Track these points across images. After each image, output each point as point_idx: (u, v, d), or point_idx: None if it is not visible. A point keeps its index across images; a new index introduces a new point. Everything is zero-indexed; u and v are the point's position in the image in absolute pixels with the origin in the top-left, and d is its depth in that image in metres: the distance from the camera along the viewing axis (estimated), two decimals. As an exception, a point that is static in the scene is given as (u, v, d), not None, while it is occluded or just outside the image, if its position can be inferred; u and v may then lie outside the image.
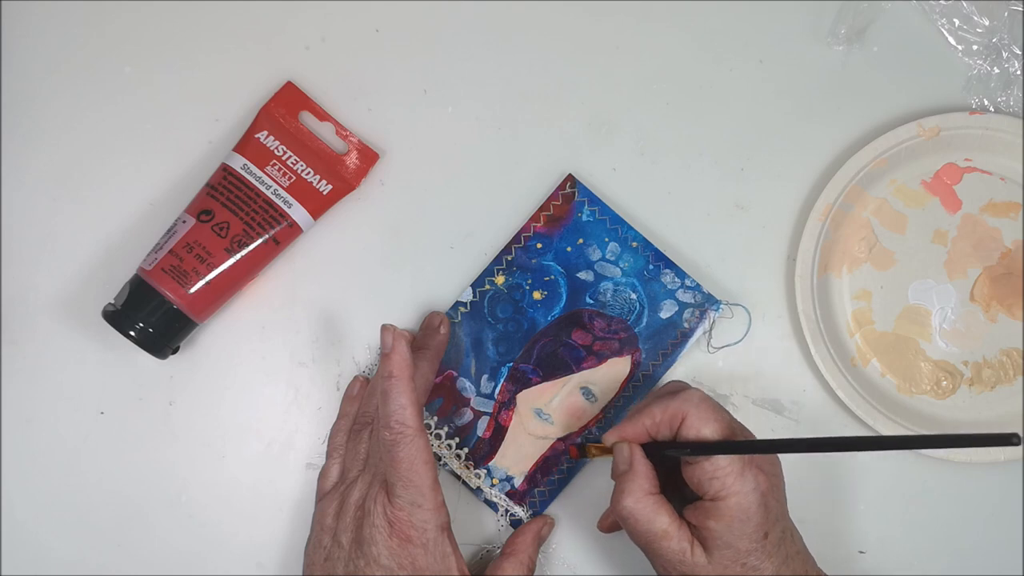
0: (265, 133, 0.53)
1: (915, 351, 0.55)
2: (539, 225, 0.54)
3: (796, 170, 0.56)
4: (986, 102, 0.55)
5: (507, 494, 0.54)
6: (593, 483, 0.54)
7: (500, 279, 0.54)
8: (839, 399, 0.54)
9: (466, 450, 0.54)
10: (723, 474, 0.44)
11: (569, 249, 0.54)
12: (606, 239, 0.54)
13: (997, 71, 0.55)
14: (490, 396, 0.54)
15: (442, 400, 0.54)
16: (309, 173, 0.53)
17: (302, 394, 0.55)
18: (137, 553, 0.54)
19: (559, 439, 0.54)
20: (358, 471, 0.49)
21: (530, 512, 0.54)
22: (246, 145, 0.53)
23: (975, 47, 0.56)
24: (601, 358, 0.54)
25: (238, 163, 0.52)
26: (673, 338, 0.54)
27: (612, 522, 0.52)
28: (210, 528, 0.54)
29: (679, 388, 0.49)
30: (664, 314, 0.54)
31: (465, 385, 0.54)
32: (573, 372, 0.54)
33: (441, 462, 0.54)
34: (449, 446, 0.54)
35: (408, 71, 0.56)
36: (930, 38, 0.56)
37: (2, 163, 0.54)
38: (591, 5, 0.56)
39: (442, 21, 0.56)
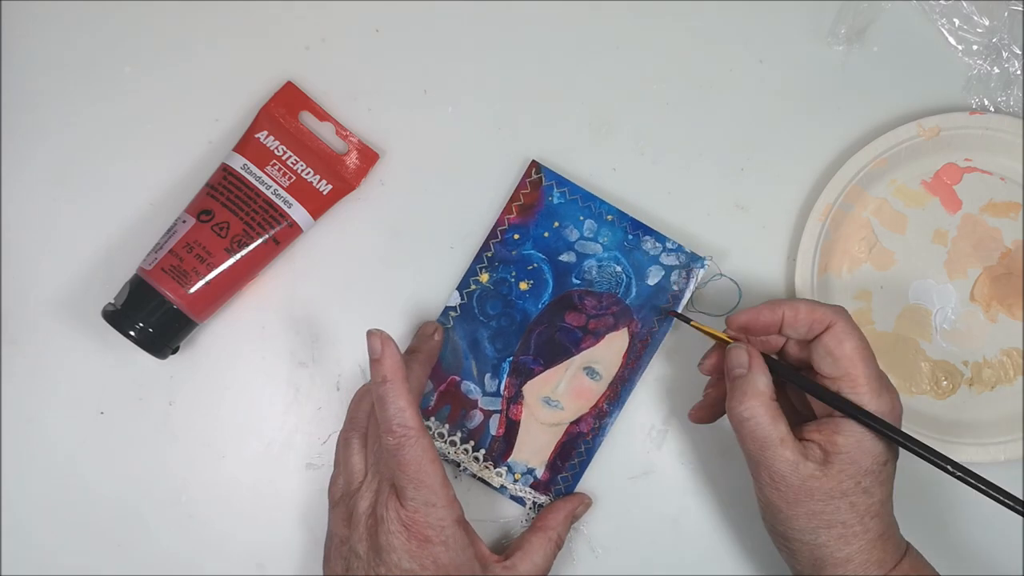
0: (265, 133, 0.53)
1: (915, 351, 0.55)
2: (512, 216, 0.54)
3: (796, 170, 0.56)
4: (986, 102, 0.55)
5: (531, 486, 0.54)
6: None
7: (484, 277, 0.54)
8: (839, 399, 0.54)
9: (482, 451, 0.54)
10: (863, 390, 0.45)
11: (547, 234, 0.54)
12: (581, 217, 0.54)
13: (997, 71, 0.55)
14: (496, 394, 0.54)
15: (450, 407, 0.54)
16: (309, 173, 0.53)
17: (302, 394, 0.55)
18: (137, 553, 0.54)
19: (572, 423, 0.54)
20: (359, 479, 0.49)
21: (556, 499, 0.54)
22: (246, 145, 0.53)
23: (975, 47, 0.56)
24: (598, 336, 0.54)
25: (238, 163, 0.52)
26: (665, 302, 0.54)
27: (704, 414, 0.52)
28: (210, 528, 0.54)
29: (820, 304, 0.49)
30: (652, 281, 0.54)
31: (470, 388, 0.54)
32: (573, 355, 0.54)
33: (460, 468, 0.54)
34: (465, 451, 0.54)
35: (408, 71, 0.56)
36: (930, 38, 0.56)
37: (2, 163, 0.54)
38: (591, 5, 0.56)
39: (442, 21, 0.56)
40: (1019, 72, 0.55)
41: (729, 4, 0.56)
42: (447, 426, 0.54)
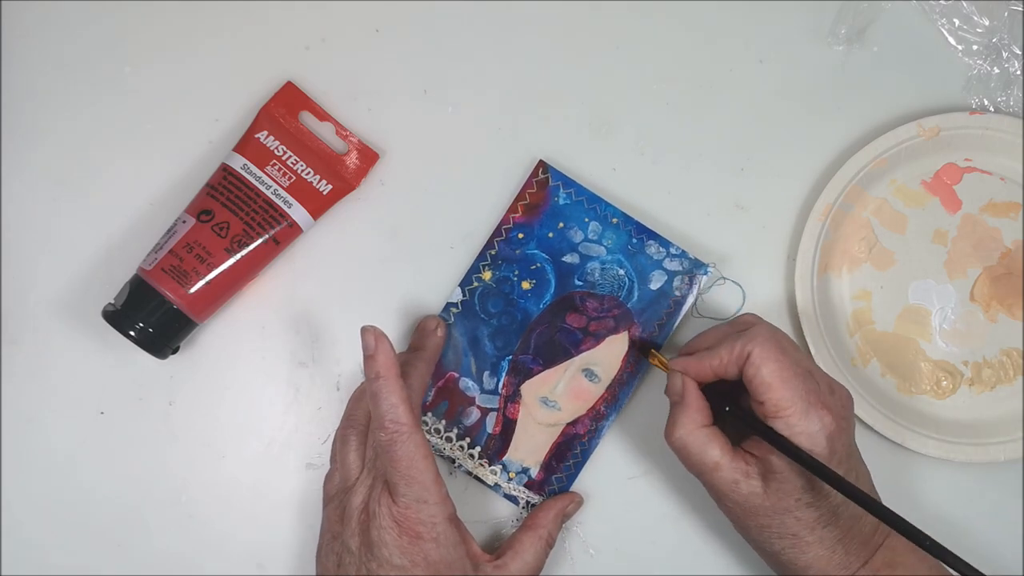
0: (265, 133, 0.53)
1: (915, 351, 0.55)
2: (518, 215, 0.54)
3: (796, 170, 0.56)
4: (986, 102, 0.55)
5: (525, 486, 0.54)
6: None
7: (487, 275, 0.54)
8: (839, 399, 0.54)
9: (478, 449, 0.54)
10: (786, 413, 0.45)
11: (551, 235, 0.54)
12: (586, 219, 0.54)
13: (997, 71, 0.55)
14: (494, 392, 0.54)
15: (447, 403, 0.54)
16: (309, 173, 0.53)
17: (302, 394, 0.55)
18: (137, 553, 0.54)
19: (568, 424, 0.54)
20: (355, 476, 0.49)
21: None
22: (246, 145, 0.53)
23: (975, 47, 0.56)
24: (598, 338, 0.54)
25: (238, 163, 0.52)
26: (667, 307, 0.54)
27: None
28: (210, 528, 0.54)
29: (749, 323, 0.49)
30: (654, 285, 0.54)
31: (468, 384, 0.54)
32: (573, 356, 0.54)
33: (456, 464, 0.54)
34: (461, 447, 0.54)
35: (408, 71, 0.56)
36: (930, 38, 0.56)
37: (2, 163, 0.54)
38: (591, 5, 0.56)
39: (442, 21, 0.56)
40: (1019, 72, 0.55)
41: (729, 4, 0.56)
42: (444, 422, 0.54)
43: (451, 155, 0.55)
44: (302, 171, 0.53)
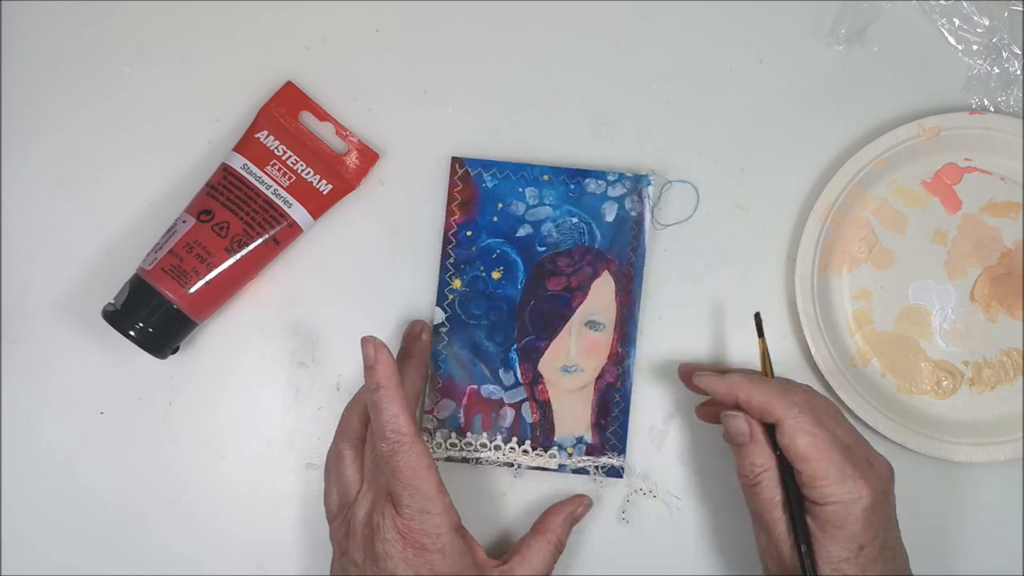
0: (265, 133, 0.53)
1: (915, 351, 0.55)
2: (456, 216, 0.54)
3: (796, 170, 0.56)
4: (986, 102, 0.55)
5: (587, 454, 0.54)
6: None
7: (456, 283, 0.54)
8: (839, 399, 0.54)
9: (528, 442, 0.54)
10: (823, 483, 0.45)
11: (495, 219, 0.54)
12: (520, 189, 0.54)
13: (997, 71, 0.55)
14: (516, 385, 0.54)
15: (480, 415, 0.54)
16: (309, 173, 0.53)
17: (302, 394, 0.55)
18: (137, 553, 0.54)
19: (596, 379, 0.54)
20: (355, 490, 0.49)
21: (616, 455, 0.54)
22: (246, 145, 0.53)
23: (975, 47, 0.56)
24: (584, 289, 0.54)
25: (238, 163, 0.52)
26: (631, 231, 0.54)
27: (712, 411, 0.52)
28: (210, 528, 0.54)
29: (789, 388, 0.48)
30: (609, 217, 0.54)
31: (490, 390, 0.54)
32: (570, 317, 0.54)
33: (516, 466, 0.54)
34: (512, 449, 0.54)
35: (408, 71, 0.56)
36: (930, 38, 0.56)
37: (2, 163, 0.54)
38: (591, 5, 0.56)
39: (442, 21, 0.56)
40: (1019, 72, 0.55)
41: (729, 4, 0.56)
42: (485, 434, 0.54)
43: (451, 155, 0.55)
44: (302, 171, 0.53)
